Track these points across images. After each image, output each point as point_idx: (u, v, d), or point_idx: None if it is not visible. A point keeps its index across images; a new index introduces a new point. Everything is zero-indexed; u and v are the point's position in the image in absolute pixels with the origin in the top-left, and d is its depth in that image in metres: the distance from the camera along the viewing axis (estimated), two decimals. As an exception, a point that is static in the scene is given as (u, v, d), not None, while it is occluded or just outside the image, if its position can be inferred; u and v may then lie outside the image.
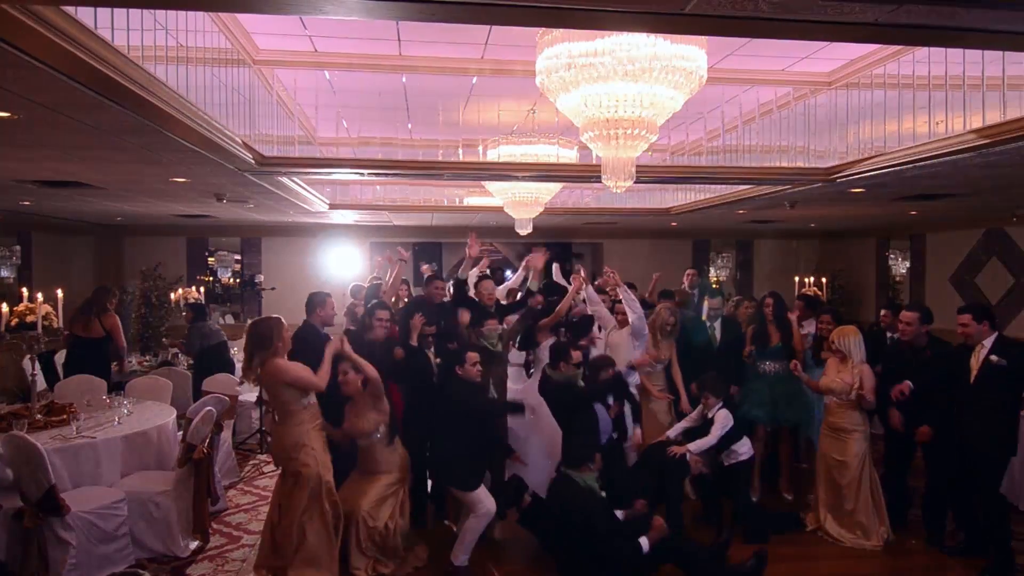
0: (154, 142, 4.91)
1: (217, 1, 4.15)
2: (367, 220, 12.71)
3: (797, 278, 11.58)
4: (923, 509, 5.34)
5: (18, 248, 10.57)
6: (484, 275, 6.38)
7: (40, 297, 5.60)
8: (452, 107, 7.91)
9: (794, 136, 7.26)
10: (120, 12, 3.50)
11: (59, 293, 5.71)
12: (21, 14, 2.70)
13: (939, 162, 5.37)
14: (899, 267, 12.93)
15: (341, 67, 6.64)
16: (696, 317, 6.82)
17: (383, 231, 14.05)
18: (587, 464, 4.80)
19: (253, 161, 6.06)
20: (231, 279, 14.19)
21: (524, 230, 8.83)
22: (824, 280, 11.89)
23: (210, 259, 13.94)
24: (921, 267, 12.16)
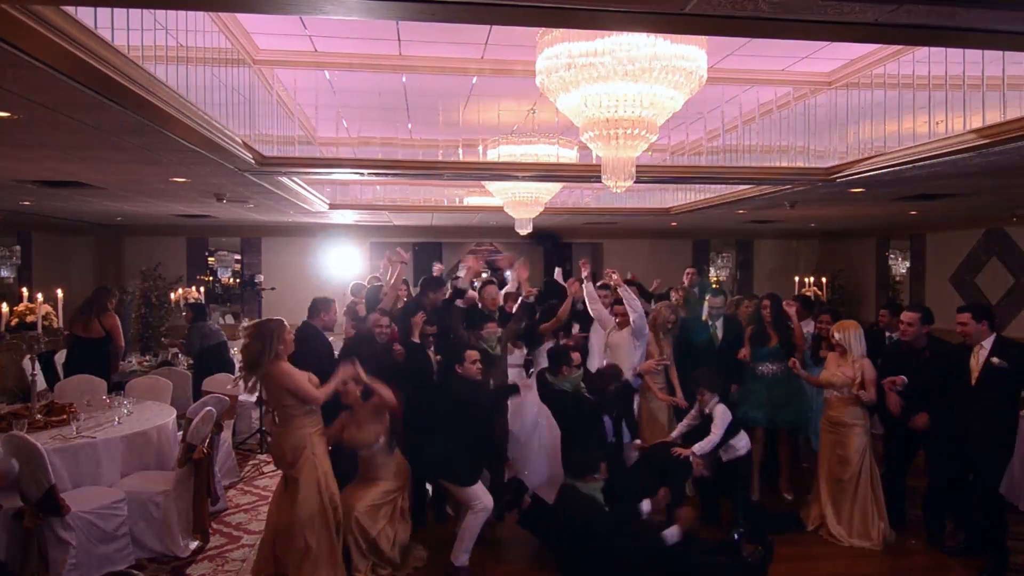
0: (154, 142, 4.91)
1: (217, 1, 4.15)
2: (367, 220, 12.71)
3: (797, 278, 11.59)
4: (923, 509, 5.34)
5: (18, 248, 10.57)
6: (488, 280, 6.38)
7: (40, 297, 5.60)
8: (452, 107, 7.91)
9: (794, 136, 7.26)
10: (120, 12, 3.50)
11: (59, 293, 5.71)
12: (21, 14, 2.70)
13: (939, 162, 5.37)
14: (899, 267, 12.93)
15: (341, 67, 6.64)
16: (696, 316, 6.81)
17: (383, 231, 14.05)
18: (591, 475, 4.80)
19: (253, 161, 6.06)
20: (231, 279, 14.18)
21: (524, 230, 8.84)
22: (824, 280, 11.89)
23: (210, 259, 13.95)
24: (921, 267, 12.16)
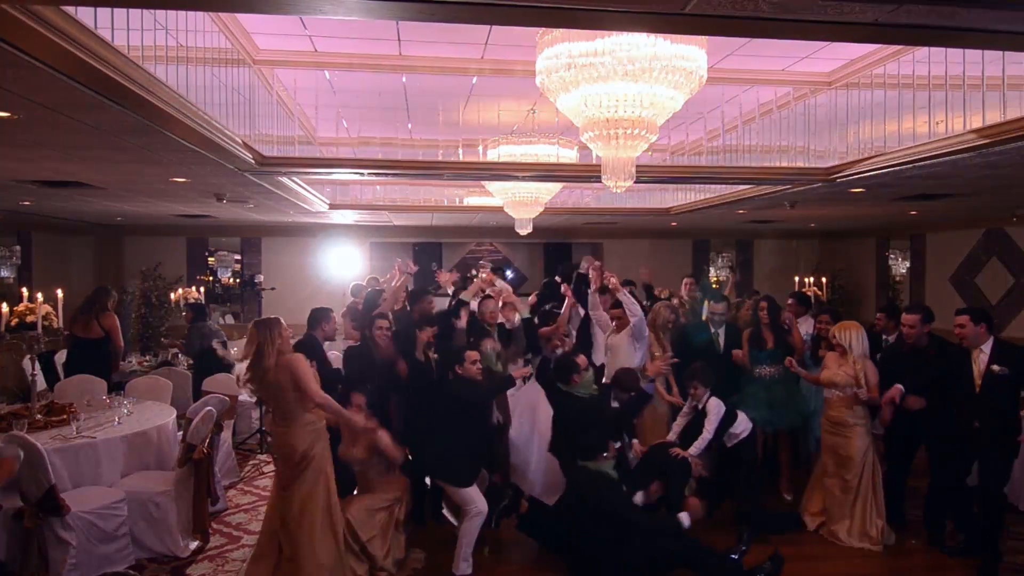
0: (154, 142, 4.92)
1: (217, 1, 4.15)
2: (367, 220, 12.71)
3: (797, 278, 11.58)
4: (923, 509, 5.34)
5: (18, 248, 10.58)
6: (486, 295, 6.35)
7: (40, 297, 5.60)
8: (452, 107, 7.91)
9: (794, 136, 7.26)
10: (120, 12, 3.51)
11: (59, 293, 5.70)
12: (21, 14, 2.70)
13: (939, 162, 5.37)
14: (899, 267, 12.93)
15: (341, 67, 6.64)
16: (696, 317, 6.80)
17: (383, 231, 14.05)
18: (600, 454, 4.81)
19: (253, 161, 6.06)
20: (231, 279, 14.19)
21: (524, 230, 8.84)
22: (824, 280, 11.88)
23: (210, 259, 13.95)
24: (921, 267, 12.16)
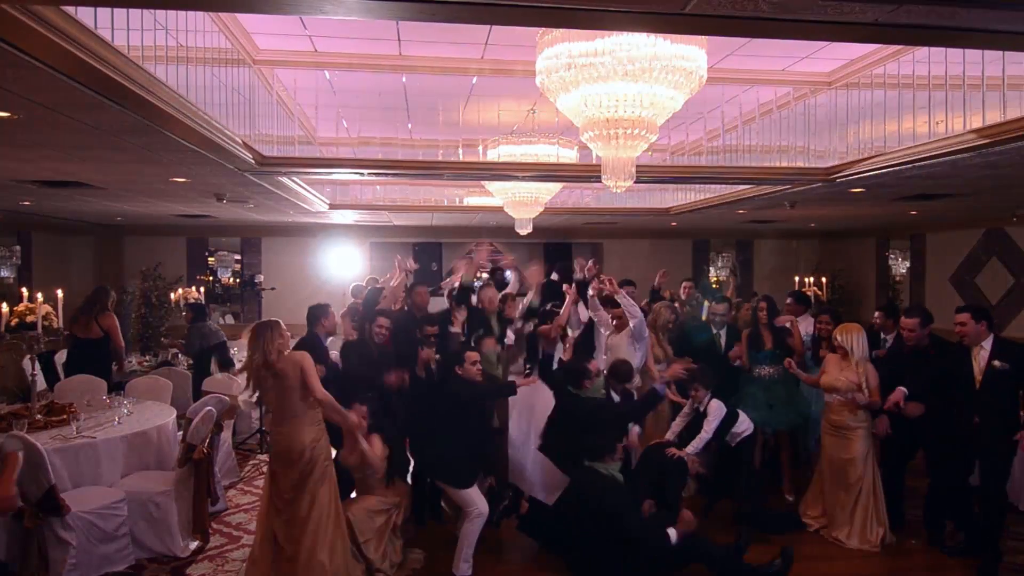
0: (154, 142, 4.91)
1: (217, 1, 4.15)
2: (367, 220, 12.71)
3: (797, 278, 11.58)
4: (923, 509, 5.34)
5: (18, 248, 10.57)
6: (487, 282, 6.35)
7: (40, 297, 5.60)
8: (452, 107, 7.90)
9: (794, 136, 7.26)
10: (120, 12, 3.50)
11: (59, 293, 5.70)
12: (21, 14, 2.70)
13: (939, 162, 5.37)
14: (899, 267, 12.92)
15: (341, 67, 6.64)
16: (696, 317, 6.81)
17: (383, 231, 14.05)
18: (609, 455, 4.82)
19: (253, 161, 6.06)
20: (231, 279, 14.18)
21: (524, 230, 8.85)
22: (824, 280, 11.89)
23: (210, 259, 13.95)
24: (921, 267, 12.16)
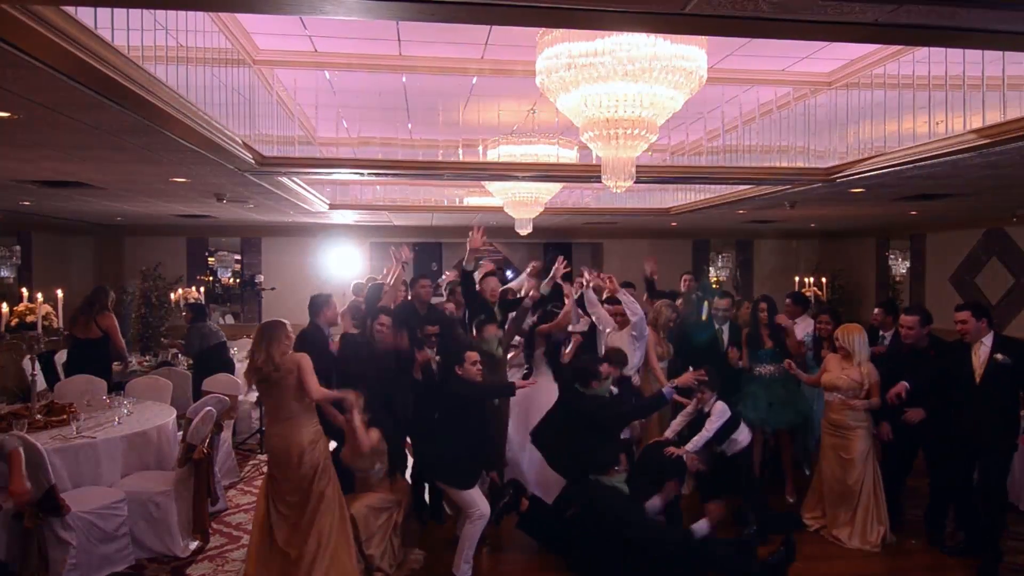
0: (154, 142, 4.91)
1: (217, 1, 4.15)
2: (367, 220, 12.71)
3: (797, 278, 11.58)
4: (924, 509, 5.34)
5: (18, 248, 10.55)
6: (489, 272, 6.35)
7: (40, 297, 5.60)
8: (452, 107, 7.90)
9: (794, 136, 7.25)
10: (120, 12, 3.50)
11: (59, 293, 5.70)
12: (21, 14, 2.69)
13: (939, 162, 5.36)
14: (899, 267, 12.91)
15: (341, 67, 6.63)
16: (696, 316, 6.81)
17: (383, 231, 14.04)
18: (613, 468, 4.82)
19: (253, 161, 6.05)
20: (231, 279, 14.16)
21: (524, 230, 8.84)
22: (824, 280, 11.89)
23: (210, 259, 13.93)
24: (921, 267, 12.15)
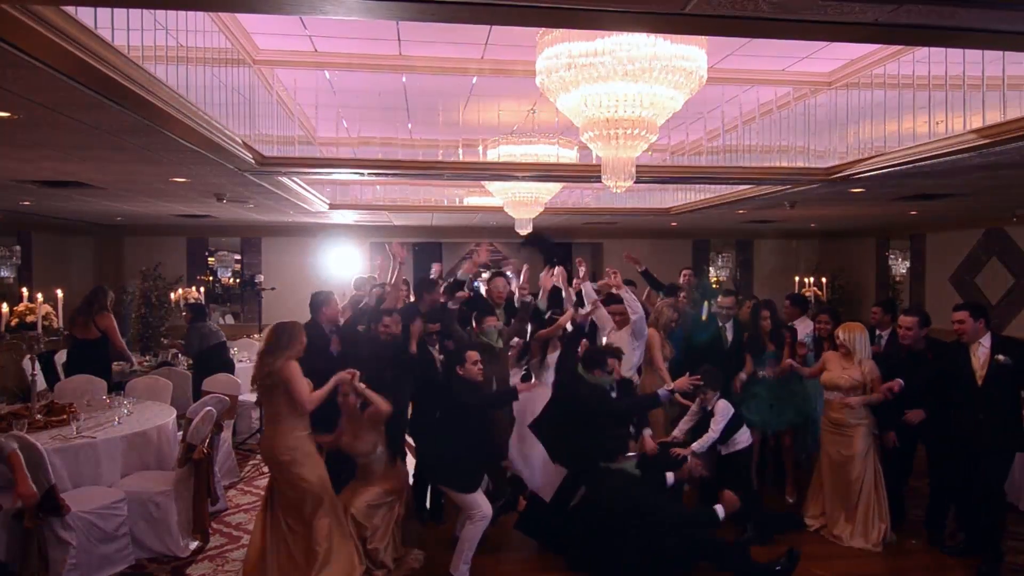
0: (154, 142, 4.91)
1: (217, 1, 4.14)
2: (367, 220, 12.71)
3: (797, 278, 11.58)
4: (925, 509, 5.34)
5: (18, 248, 10.55)
6: (496, 272, 6.33)
7: (40, 297, 5.59)
8: (452, 107, 7.90)
9: (794, 136, 7.25)
10: (120, 12, 3.50)
11: (59, 293, 5.70)
12: (21, 14, 2.69)
13: (939, 162, 5.36)
14: (899, 267, 12.92)
15: (341, 67, 6.63)
16: (696, 316, 6.80)
17: (383, 231, 14.05)
18: (621, 454, 4.81)
19: (253, 161, 6.05)
20: (231, 279, 14.17)
21: (524, 230, 8.85)
22: (824, 280, 11.89)
23: (210, 259, 13.93)
24: (921, 267, 12.15)
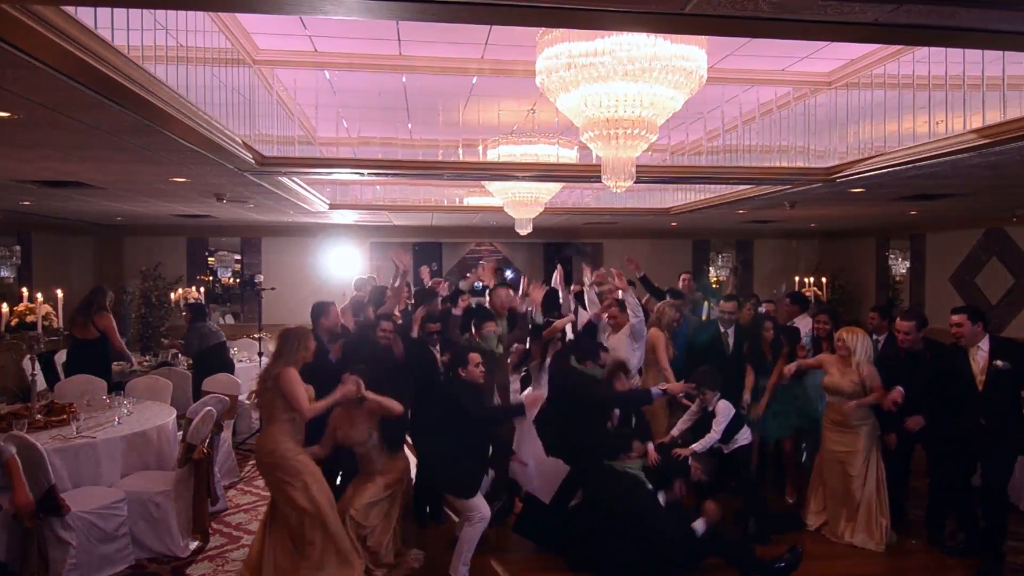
0: (154, 142, 4.91)
1: (217, 1, 4.14)
2: (367, 220, 12.71)
3: (797, 278, 11.58)
4: (925, 509, 5.34)
5: (18, 248, 10.55)
6: (500, 282, 6.33)
7: (40, 297, 5.59)
8: (452, 107, 7.90)
9: (794, 136, 7.25)
10: (120, 12, 3.50)
11: (59, 293, 5.70)
12: (21, 14, 2.69)
13: (939, 162, 5.36)
14: (899, 267, 12.92)
15: (341, 67, 6.63)
16: (696, 317, 6.82)
17: (383, 231, 14.05)
18: (626, 453, 4.80)
19: (253, 161, 6.05)
20: (231, 279, 14.17)
21: (524, 230, 8.85)
22: (824, 280, 11.89)
23: (210, 259, 13.93)
24: (921, 267, 12.15)
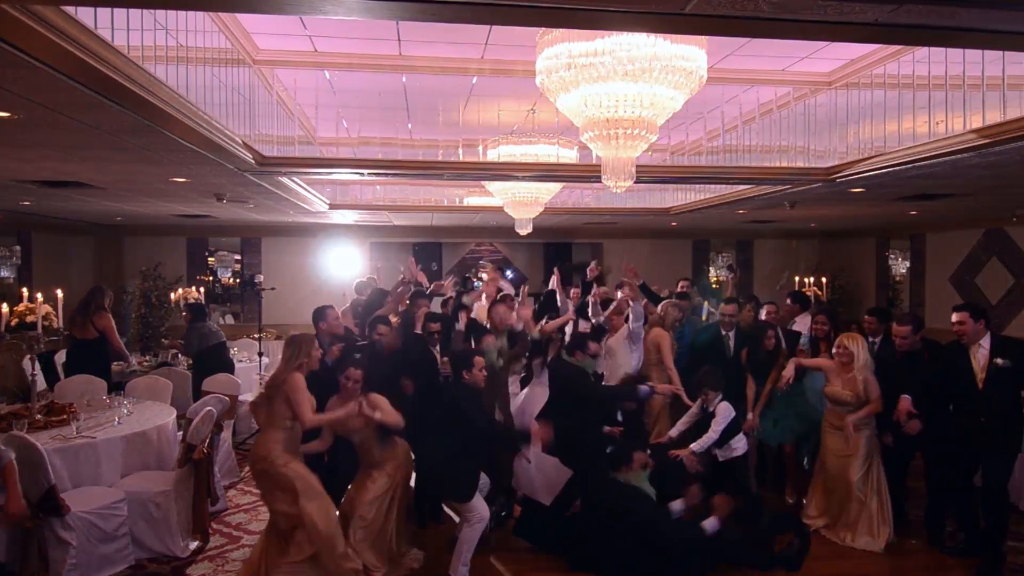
0: (154, 142, 4.91)
1: (217, 1, 4.15)
2: (367, 220, 12.71)
3: (797, 278, 11.58)
4: (924, 510, 5.33)
5: (18, 248, 10.56)
6: (500, 298, 6.31)
7: (40, 297, 5.59)
8: (452, 107, 7.90)
9: (794, 136, 7.25)
10: (120, 12, 3.50)
11: (59, 293, 5.70)
12: (21, 14, 2.69)
13: (939, 162, 5.36)
14: (899, 267, 12.92)
15: (341, 67, 6.63)
16: (696, 318, 6.83)
17: (383, 231, 14.05)
18: (626, 464, 4.82)
19: (253, 161, 6.05)
20: (231, 279, 14.17)
21: (524, 230, 8.86)
22: (824, 280, 11.89)
23: (210, 259, 13.92)
24: (921, 267, 12.15)
